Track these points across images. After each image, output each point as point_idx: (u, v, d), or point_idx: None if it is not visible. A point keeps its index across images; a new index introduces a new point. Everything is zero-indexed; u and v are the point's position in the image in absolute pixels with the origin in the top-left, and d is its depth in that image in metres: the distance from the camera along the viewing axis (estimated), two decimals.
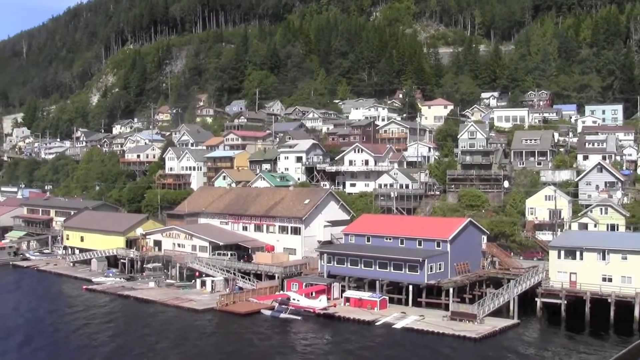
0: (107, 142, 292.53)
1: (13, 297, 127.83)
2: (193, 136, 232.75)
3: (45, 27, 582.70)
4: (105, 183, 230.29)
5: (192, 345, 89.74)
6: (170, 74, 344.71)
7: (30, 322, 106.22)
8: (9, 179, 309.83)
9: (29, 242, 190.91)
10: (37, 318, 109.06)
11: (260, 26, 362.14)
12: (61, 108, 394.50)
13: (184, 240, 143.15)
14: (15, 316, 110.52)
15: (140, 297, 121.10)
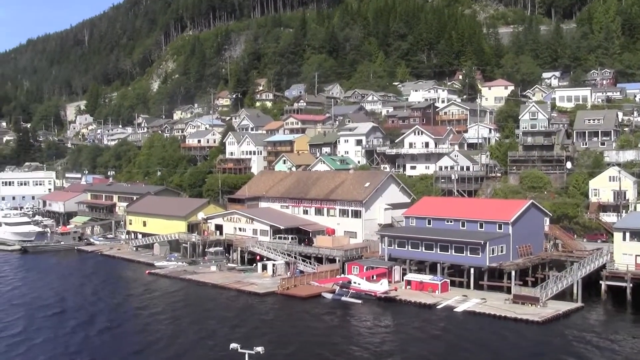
0: (168, 127, 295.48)
1: (78, 280, 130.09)
2: (253, 121, 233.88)
3: (106, 16, 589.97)
4: (167, 168, 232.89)
5: (253, 328, 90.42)
6: (230, 59, 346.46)
7: (96, 305, 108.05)
8: (73, 165, 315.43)
9: (93, 227, 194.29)
10: (102, 301, 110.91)
11: (318, 9, 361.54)
12: (122, 95, 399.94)
13: (245, 224, 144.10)
14: (81, 299, 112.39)
15: (202, 281, 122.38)
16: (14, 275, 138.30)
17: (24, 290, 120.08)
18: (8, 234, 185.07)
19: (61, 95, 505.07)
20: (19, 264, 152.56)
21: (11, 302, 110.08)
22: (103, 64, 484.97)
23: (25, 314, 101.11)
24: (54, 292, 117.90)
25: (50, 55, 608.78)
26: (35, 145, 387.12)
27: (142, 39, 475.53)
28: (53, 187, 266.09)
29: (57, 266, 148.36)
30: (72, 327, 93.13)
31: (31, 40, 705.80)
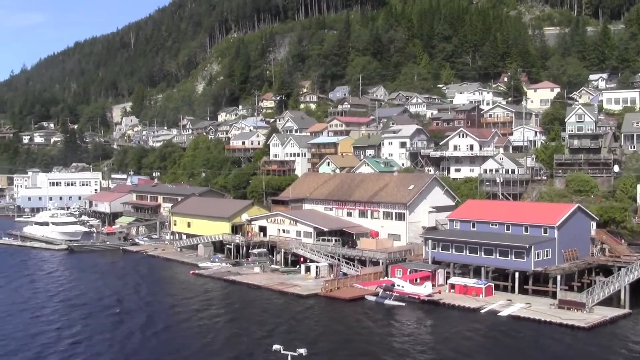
0: (212, 129, 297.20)
1: (124, 280, 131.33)
2: (297, 123, 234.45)
3: (151, 19, 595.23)
4: (211, 170, 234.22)
5: (296, 330, 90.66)
6: (274, 62, 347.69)
7: (145, 305, 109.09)
8: (119, 166, 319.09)
9: (138, 227, 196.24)
10: (148, 301, 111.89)
11: (362, 11, 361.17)
12: (168, 97, 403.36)
13: (288, 226, 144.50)
14: (130, 299, 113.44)
15: (245, 282, 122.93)
16: (63, 274, 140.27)
17: (75, 290, 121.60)
18: (55, 233, 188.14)
19: (107, 97, 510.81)
20: (66, 263, 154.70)
21: (65, 302, 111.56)
22: (149, 66, 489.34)
23: (79, 314, 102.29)
24: (103, 292, 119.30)
25: (97, 57, 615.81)
26: (82, 147, 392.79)
27: (187, 42, 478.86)
28: (99, 187, 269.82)
29: (104, 266, 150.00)
30: (126, 327, 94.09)
31: (78, 43, 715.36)
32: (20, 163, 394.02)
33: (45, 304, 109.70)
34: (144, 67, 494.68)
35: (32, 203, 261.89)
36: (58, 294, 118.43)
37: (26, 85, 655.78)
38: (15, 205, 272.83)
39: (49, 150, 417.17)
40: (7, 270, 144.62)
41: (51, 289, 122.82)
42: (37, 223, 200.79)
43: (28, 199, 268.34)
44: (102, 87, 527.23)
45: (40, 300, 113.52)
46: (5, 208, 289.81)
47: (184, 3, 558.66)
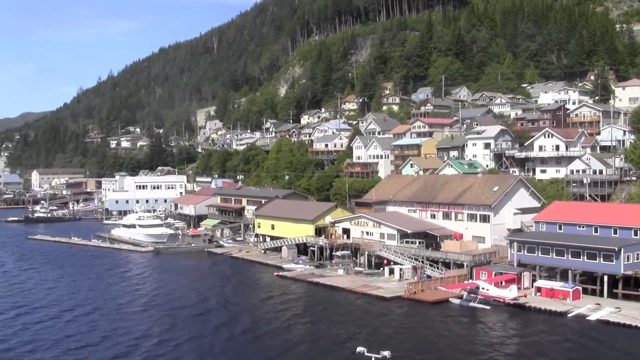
0: (295, 132, 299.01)
1: (210, 282, 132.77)
2: (380, 124, 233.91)
3: (234, 23, 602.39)
4: (295, 172, 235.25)
5: (380, 332, 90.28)
6: (356, 64, 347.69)
7: (230, 306, 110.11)
8: (203, 169, 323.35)
9: (223, 229, 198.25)
10: (234, 302, 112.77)
11: (444, 11, 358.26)
12: (251, 100, 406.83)
13: (372, 228, 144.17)
14: (216, 300, 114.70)
15: (329, 284, 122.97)
16: (151, 276, 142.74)
17: (163, 291, 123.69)
18: (142, 235, 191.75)
19: (191, 101, 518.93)
20: (153, 264, 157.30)
21: (154, 303, 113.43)
22: (232, 70, 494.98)
23: (167, 314, 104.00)
24: (190, 293, 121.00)
25: (180, 63, 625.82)
26: (167, 150, 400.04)
27: (269, 45, 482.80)
28: (184, 190, 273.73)
29: (189, 268, 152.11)
30: (214, 328, 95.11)
31: (163, 49, 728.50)
32: (108, 167, 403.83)
33: (135, 305, 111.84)
34: (227, 71, 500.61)
35: (119, 206, 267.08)
36: (147, 295, 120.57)
37: (113, 91, 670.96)
38: (103, 208, 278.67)
39: (136, 154, 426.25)
40: (97, 271, 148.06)
41: (140, 290, 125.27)
42: (125, 225, 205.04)
43: (115, 202, 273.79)
44: (186, 91, 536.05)
45: (131, 300, 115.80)
46: (94, 211, 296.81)
47: (265, 7, 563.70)
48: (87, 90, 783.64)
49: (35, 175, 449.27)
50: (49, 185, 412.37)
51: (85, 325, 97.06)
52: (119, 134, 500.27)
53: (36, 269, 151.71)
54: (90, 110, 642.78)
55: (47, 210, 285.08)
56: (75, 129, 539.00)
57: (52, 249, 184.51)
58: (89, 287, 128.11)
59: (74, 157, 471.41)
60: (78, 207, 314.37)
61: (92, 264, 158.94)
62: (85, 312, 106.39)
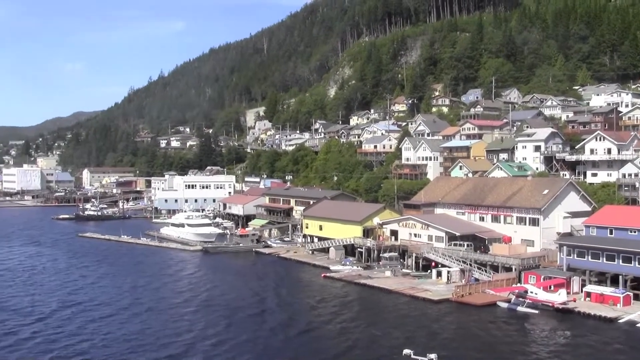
0: (344, 133, 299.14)
1: (257, 282, 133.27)
2: (429, 126, 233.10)
3: (284, 24, 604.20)
4: (343, 173, 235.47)
5: (426, 335, 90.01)
6: (406, 65, 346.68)
7: (277, 306, 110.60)
8: (252, 169, 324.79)
9: (271, 230, 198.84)
10: (282, 303, 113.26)
11: (495, 12, 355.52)
12: (300, 101, 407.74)
13: (420, 230, 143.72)
14: (263, 301, 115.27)
15: (376, 286, 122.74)
16: (200, 275, 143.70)
17: (214, 291, 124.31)
18: (190, 235, 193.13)
19: (241, 102, 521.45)
20: (202, 264, 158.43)
21: (204, 302, 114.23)
22: (281, 71, 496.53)
23: (220, 314, 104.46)
24: (241, 293, 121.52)
25: (230, 63, 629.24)
26: (217, 150, 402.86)
27: (319, 46, 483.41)
28: (233, 190, 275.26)
29: (237, 267, 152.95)
30: (268, 329, 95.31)
31: (213, 49, 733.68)
32: (157, 166, 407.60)
33: (188, 304, 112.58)
34: (276, 72, 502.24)
35: (168, 205, 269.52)
36: (199, 294, 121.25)
37: (163, 91, 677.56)
38: (153, 207, 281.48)
39: (185, 153, 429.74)
40: (147, 270, 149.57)
41: (192, 290, 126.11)
42: (173, 224, 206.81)
43: (165, 201, 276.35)
44: (236, 92, 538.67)
45: (184, 300, 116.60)
46: (143, 210, 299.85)
47: (315, 8, 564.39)
48: (137, 90, 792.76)
49: (87, 173, 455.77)
50: (100, 184, 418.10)
51: (139, 324, 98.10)
52: (169, 134, 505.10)
53: (87, 266, 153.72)
54: (140, 110, 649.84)
55: (97, 208, 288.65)
56: (126, 128, 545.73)
57: (102, 247, 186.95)
58: (140, 286, 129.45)
59: (125, 156, 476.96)
60: (128, 205, 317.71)
61: (142, 262, 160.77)
62: (138, 310, 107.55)
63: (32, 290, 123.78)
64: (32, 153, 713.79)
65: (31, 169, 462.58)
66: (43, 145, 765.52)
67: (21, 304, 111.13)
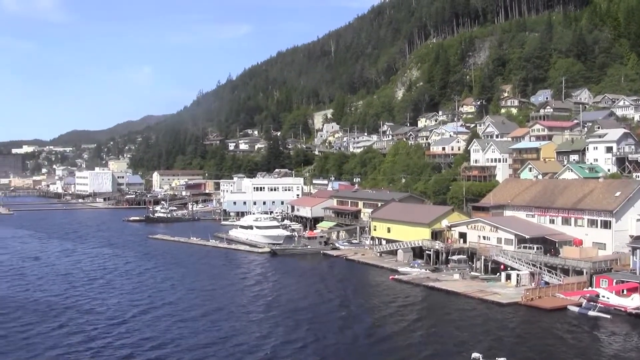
0: (412, 135, 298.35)
1: (327, 284, 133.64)
2: (497, 128, 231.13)
3: (351, 27, 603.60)
4: (411, 175, 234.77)
5: (495, 338, 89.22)
6: (474, 66, 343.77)
7: (348, 309, 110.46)
8: (320, 172, 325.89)
9: (339, 232, 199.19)
10: (353, 305, 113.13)
11: (564, 12, 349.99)
12: (368, 103, 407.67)
13: (489, 232, 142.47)
14: (333, 303, 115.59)
15: (444, 289, 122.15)
16: (269, 277, 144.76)
17: (283, 293, 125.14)
18: (259, 237, 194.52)
19: (309, 104, 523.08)
20: (271, 266, 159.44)
21: (274, 304, 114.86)
22: (349, 73, 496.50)
23: (289, 316, 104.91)
24: (310, 295, 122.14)
25: (298, 66, 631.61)
26: (285, 153, 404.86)
27: (387, 48, 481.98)
28: (301, 192, 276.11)
29: (306, 269, 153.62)
30: (337, 330, 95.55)
31: (280, 52, 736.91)
32: (226, 169, 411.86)
33: (258, 306, 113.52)
34: (344, 74, 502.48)
35: (237, 207, 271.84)
36: (268, 296, 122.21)
37: (232, 95, 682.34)
38: (221, 209, 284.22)
39: (253, 156, 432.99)
40: (217, 271, 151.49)
41: (261, 291, 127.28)
42: (242, 226, 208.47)
43: (233, 203, 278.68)
44: (303, 94, 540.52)
45: (253, 301, 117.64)
46: (212, 212, 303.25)
47: (383, 10, 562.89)
48: (206, 93, 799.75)
49: (156, 176, 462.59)
50: (169, 186, 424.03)
51: (210, 325, 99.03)
52: (238, 137, 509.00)
53: (160, 269, 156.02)
54: (209, 113, 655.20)
55: (167, 210, 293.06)
56: (195, 131, 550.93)
57: (172, 249, 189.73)
58: (211, 287, 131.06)
59: (194, 159, 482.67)
60: (197, 207, 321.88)
61: (212, 264, 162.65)
62: (209, 311, 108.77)
63: (110, 293, 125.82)
64: (104, 156, 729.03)
65: (103, 172, 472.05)
66: (114, 149, 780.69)
67: (101, 307, 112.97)
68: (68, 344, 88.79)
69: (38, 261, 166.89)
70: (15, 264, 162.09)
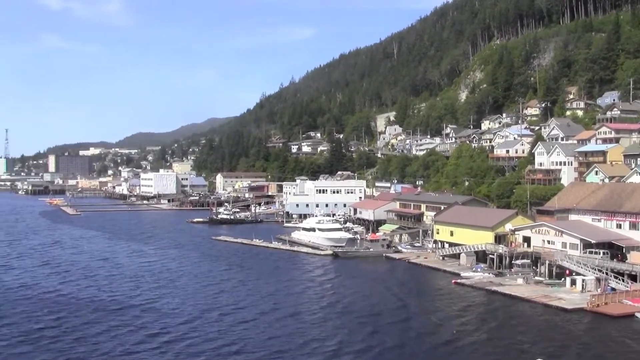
0: (475, 137, 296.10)
1: (393, 288, 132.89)
2: (563, 130, 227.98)
3: (413, 29, 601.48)
4: (474, 178, 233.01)
5: (559, 345, 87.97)
6: (538, 67, 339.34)
7: (418, 314, 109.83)
8: (383, 174, 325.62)
9: (401, 235, 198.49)
10: (422, 310, 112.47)
11: (633, 11, 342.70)
12: (430, 105, 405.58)
13: (553, 237, 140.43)
14: (402, 307, 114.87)
15: (507, 293, 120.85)
16: (334, 280, 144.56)
17: (352, 296, 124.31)
18: (321, 239, 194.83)
19: (371, 107, 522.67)
20: (334, 268, 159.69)
21: (346, 309, 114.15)
22: (411, 75, 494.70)
23: (362, 321, 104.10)
24: (378, 299, 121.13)
25: (360, 68, 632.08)
26: (347, 155, 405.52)
27: (450, 50, 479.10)
28: (363, 195, 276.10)
29: (370, 272, 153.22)
30: (414, 336, 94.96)
31: (343, 55, 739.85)
32: (289, 171, 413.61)
33: (328, 309, 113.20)
34: (406, 77, 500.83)
35: (299, 209, 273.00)
36: (337, 299, 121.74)
37: (294, 97, 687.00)
38: (284, 211, 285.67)
39: (316, 158, 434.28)
40: (282, 273, 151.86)
41: (325, 294, 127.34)
42: (304, 229, 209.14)
43: (296, 205, 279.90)
44: (366, 97, 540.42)
45: (320, 304, 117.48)
46: (275, 214, 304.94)
47: (446, 12, 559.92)
48: (269, 96, 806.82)
49: (220, 178, 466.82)
50: (232, 188, 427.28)
51: (282, 329, 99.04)
52: (300, 139, 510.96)
53: (223, 269, 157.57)
54: (272, 116, 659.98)
55: (230, 212, 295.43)
56: (258, 133, 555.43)
57: (235, 250, 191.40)
58: (275, 289, 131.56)
59: (256, 161, 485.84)
60: (259, 209, 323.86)
61: (275, 266, 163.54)
62: (275, 313, 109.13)
63: (177, 293, 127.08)
64: (168, 158, 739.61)
65: (167, 173, 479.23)
66: (178, 151, 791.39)
67: (169, 306, 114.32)
68: (137, 343, 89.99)
69: (108, 261, 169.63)
70: (87, 264, 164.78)
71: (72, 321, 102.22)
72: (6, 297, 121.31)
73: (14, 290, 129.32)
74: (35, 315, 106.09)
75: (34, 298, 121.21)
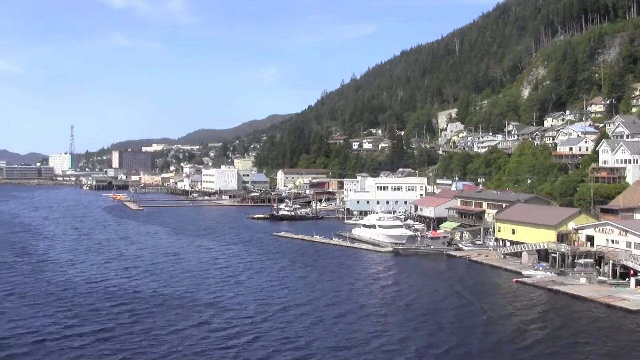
0: (538, 135, 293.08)
1: (455, 286, 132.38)
2: (628, 127, 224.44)
3: (475, 25, 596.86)
4: (537, 176, 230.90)
5: (622, 347, 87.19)
6: (603, 64, 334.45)
7: (481, 313, 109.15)
8: (444, 171, 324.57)
9: (462, 233, 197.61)
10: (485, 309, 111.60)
11: None
12: (493, 102, 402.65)
13: (617, 236, 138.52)
14: (457, 304, 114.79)
15: (569, 293, 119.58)
16: (395, 277, 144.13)
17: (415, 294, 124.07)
18: (382, 236, 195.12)
19: (433, 103, 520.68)
20: (395, 265, 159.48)
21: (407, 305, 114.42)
22: (473, 72, 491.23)
23: (425, 320, 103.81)
24: (442, 297, 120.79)
25: (422, 65, 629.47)
26: (408, 152, 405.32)
27: (512, 46, 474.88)
28: (424, 192, 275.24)
29: (431, 270, 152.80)
30: (479, 335, 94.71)
31: (404, 51, 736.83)
32: (349, 168, 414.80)
33: (392, 307, 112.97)
34: (468, 73, 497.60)
35: (360, 206, 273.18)
36: (397, 296, 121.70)
37: (355, 94, 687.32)
38: (345, 208, 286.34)
39: (377, 155, 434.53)
40: (344, 270, 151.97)
41: (388, 291, 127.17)
42: (365, 226, 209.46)
43: (357, 202, 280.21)
44: (427, 93, 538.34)
45: (387, 302, 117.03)
46: (335, 210, 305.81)
47: (508, 8, 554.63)
48: (330, 92, 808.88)
49: (281, 174, 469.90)
50: (293, 185, 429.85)
51: (347, 325, 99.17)
52: (361, 136, 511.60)
53: (285, 265, 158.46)
54: (333, 113, 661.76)
55: (291, 208, 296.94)
56: (319, 130, 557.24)
57: (296, 246, 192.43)
58: (338, 286, 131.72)
59: (317, 157, 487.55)
60: (320, 206, 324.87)
61: (336, 262, 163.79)
62: (344, 311, 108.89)
63: (243, 290, 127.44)
64: (230, 154, 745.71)
65: (228, 169, 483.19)
66: (240, 147, 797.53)
67: (237, 304, 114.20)
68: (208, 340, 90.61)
69: (174, 257, 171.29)
70: (153, 259, 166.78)
71: (141, 315, 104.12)
72: (76, 291, 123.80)
73: (81, 284, 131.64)
74: (104, 309, 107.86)
75: (101, 292, 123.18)
